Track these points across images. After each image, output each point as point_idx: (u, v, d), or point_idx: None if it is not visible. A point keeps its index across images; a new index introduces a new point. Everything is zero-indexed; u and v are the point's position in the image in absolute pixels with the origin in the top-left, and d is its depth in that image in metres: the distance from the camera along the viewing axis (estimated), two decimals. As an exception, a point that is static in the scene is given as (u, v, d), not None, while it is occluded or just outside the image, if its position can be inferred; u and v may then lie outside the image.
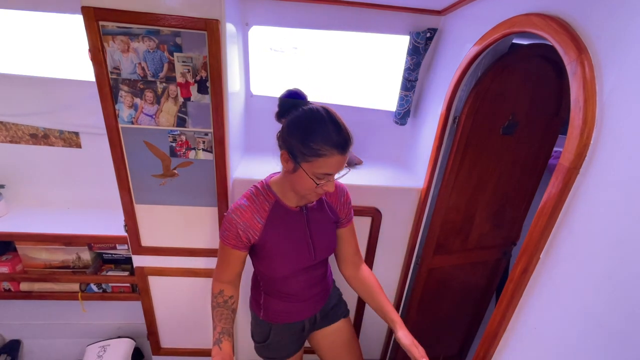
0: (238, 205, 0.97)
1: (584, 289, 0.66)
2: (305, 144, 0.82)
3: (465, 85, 1.25)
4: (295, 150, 0.84)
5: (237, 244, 0.98)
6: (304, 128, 0.83)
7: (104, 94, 1.12)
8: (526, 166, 1.49)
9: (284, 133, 0.88)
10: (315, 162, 0.83)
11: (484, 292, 1.86)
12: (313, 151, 0.82)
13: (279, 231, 0.99)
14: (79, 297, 1.63)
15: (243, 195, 1.01)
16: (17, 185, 1.66)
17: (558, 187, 0.71)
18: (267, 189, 1.01)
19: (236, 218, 0.96)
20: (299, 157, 0.85)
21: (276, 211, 0.99)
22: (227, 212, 0.98)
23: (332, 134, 0.82)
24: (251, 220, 0.96)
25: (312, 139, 0.82)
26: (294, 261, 1.04)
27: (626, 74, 0.60)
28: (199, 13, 1.04)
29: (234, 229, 0.96)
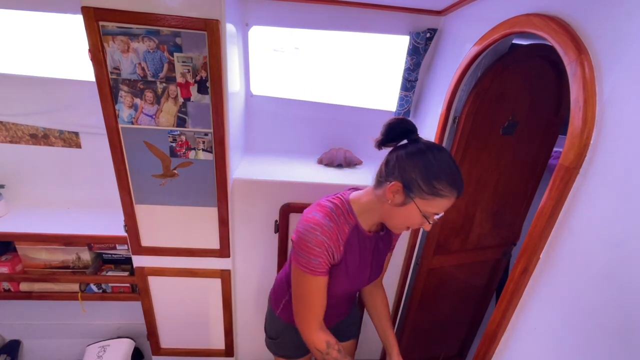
0: (321, 225, 0.85)
1: (584, 289, 0.66)
2: (428, 182, 0.78)
3: (465, 85, 1.25)
4: (414, 186, 0.79)
5: (326, 270, 0.88)
6: (431, 166, 0.79)
7: (104, 94, 1.12)
8: (526, 166, 1.49)
9: (402, 165, 0.82)
10: (433, 201, 0.79)
11: (484, 292, 1.86)
12: (434, 190, 0.78)
13: (352, 256, 0.93)
14: (79, 297, 1.63)
15: (320, 209, 0.90)
16: (17, 185, 1.66)
17: (558, 187, 0.71)
18: (348, 209, 0.91)
19: (326, 240, 0.85)
20: (415, 193, 0.80)
21: (354, 235, 0.92)
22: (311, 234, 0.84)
23: (457, 178, 0.80)
24: (336, 243, 0.87)
25: (437, 178, 0.78)
26: (351, 285, 0.99)
27: (626, 74, 0.60)
28: (199, 13, 1.04)
29: (326, 252, 0.85)
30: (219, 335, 1.70)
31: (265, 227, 1.48)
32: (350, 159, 1.62)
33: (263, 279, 1.60)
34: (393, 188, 0.82)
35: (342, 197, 0.94)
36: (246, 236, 1.49)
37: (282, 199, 1.43)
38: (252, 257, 1.54)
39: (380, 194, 0.86)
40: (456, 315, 1.88)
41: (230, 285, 1.56)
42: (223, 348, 1.75)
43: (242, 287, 1.62)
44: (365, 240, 0.95)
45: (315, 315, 0.91)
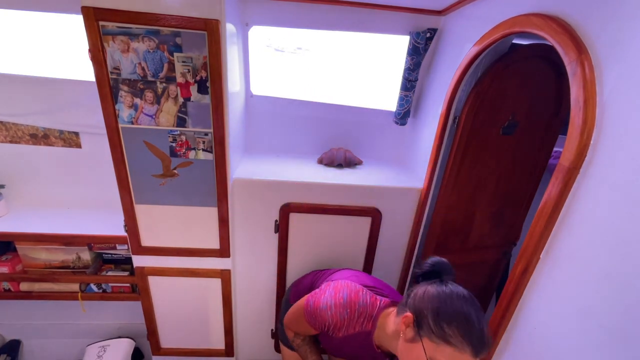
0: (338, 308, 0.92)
1: (584, 289, 0.66)
2: (437, 323, 0.73)
3: (465, 85, 1.25)
4: (424, 322, 0.76)
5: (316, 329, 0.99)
6: (446, 307, 0.75)
7: (104, 94, 1.12)
8: (526, 166, 1.49)
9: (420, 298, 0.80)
10: (440, 346, 0.73)
11: (484, 292, 1.86)
12: (443, 334, 0.72)
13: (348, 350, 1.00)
14: (79, 297, 1.63)
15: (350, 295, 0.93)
16: (17, 185, 1.66)
17: (558, 187, 0.71)
18: (373, 317, 0.91)
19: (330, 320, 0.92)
20: (424, 331, 0.75)
21: (361, 338, 0.94)
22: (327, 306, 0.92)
23: (474, 332, 0.72)
24: (339, 329, 0.93)
25: (448, 322, 0.73)
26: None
27: (626, 74, 0.60)
28: (199, 13, 1.04)
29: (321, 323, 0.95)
30: (219, 335, 1.70)
31: (265, 227, 1.48)
32: (350, 159, 1.62)
33: (263, 279, 1.60)
34: (406, 320, 0.79)
35: (379, 302, 0.93)
36: (246, 236, 1.49)
37: (282, 199, 1.43)
38: (252, 257, 1.54)
39: (398, 322, 0.84)
40: (456, 315, 1.88)
41: (230, 285, 1.56)
42: (223, 348, 1.75)
43: (242, 287, 1.62)
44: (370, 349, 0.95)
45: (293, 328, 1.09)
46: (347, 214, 1.47)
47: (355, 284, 0.97)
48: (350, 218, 1.49)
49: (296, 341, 1.10)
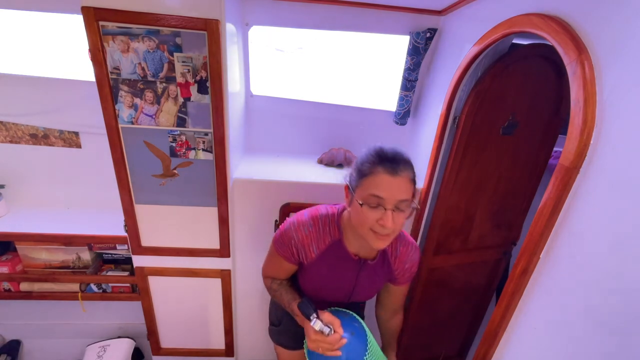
0: (302, 225, 0.92)
1: (584, 289, 0.66)
2: (357, 168, 0.82)
3: (465, 85, 1.25)
4: (352, 179, 0.84)
5: (287, 256, 0.96)
6: (361, 156, 0.83)
7: (104, 94, 1.12)
8: (526, 166, 1.49)
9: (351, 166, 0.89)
10: (364, 183, 0.79)
11: (484, 292, 1.86)
12: (361, 173, 0.80)
13: (327, 268, 0.95)
14: (79, 297, 1.63)
15: (311, 211, 0.95)
16: (17, 185, 1.66)
17: (558, 187, 0.71)
18: (336, 222, 0.94)
19: (295, 237, 0.92)
20: (353, 185, 0.83)
21: (334, 249, 0.93)
22: (289, 226, 0.93)
23: (380, 153, 0.79)
24: (308, 247, 0.93)
25: (361, 160, 0.81)
26: (327, 295, 1.02)
27: (626, 74, 0.60)
28: (199, 13, 1.04)
29: (290, 245, 0.93)
30: (219, 335, 1.70)
31: (265, 227, 1.48)
32: (350, 159, 1.62)
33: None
34: (345, 191, 0.87)
35: (338, 210, 0.96)
36: (246, 236, 1.49)
37: (282, 198, 1.43)
38: (252, 256, 1.54)
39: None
40: (456, 315, 1.88)
41: (231, 285, 1.56)
42: (223, 348, 1.75)
43: (242, 287, 1.62)
44: (347, 261, 0.95)
45: (270, 271, 1.05)
46: (347, 214, 1.47)
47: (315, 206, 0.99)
48: (350, 218, 1.49)
49: (273, 287, 1.04)
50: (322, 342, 0.83)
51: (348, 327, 0.91)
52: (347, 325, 0.91)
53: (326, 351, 0.84)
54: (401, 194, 0.77)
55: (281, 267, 1.01)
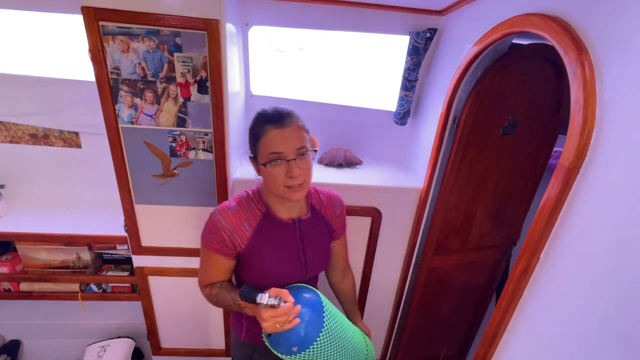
0: (226, 207, 0.91)
1: (584, 289, 0.66)
2: (250, 136, 0.88)
3: (465, 85, 1.25)
4: (251, 149, 0.88)
5: (221, 248, 0.91)
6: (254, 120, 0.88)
7: (104, 94, 1.12)
8: (526, 166, 1.49)
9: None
10: (260, 146, 0.85)
11: (484, 292, 1.86)
12: (254, 138, 0.86)
13: (268, 243, 0.94)
14: (79, 297, 1.63)
15: (233, 197, 0.96)
16: (17, 185, 1.66)
17: (558, 187, 0.71)
18: (258, 197, 0.95)
19: (222, 221, 0.89)
20: (254, 154, 0.88)
21: (266, 222, 0.94)
22: (213, 213, 0.91)
23: (263, 114, 0.86)
24: (238, 227, 0.90)
25: (251, 127, 0.87)
26: (281, 276, 0.97)
27: (626, 74, 0.60)
28: (199, 13, 1.04)
29: (219, 232, 0.89)
30: (219, 335, 1.70)
31: (265, 227, 1.48)
32: (350, 159, 1.62)
33: (263, 279, 1.60)
34: (252, 164, 0.92)
35: (255, 188, 0.98)
36: (246, 236, 1.49)
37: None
38: (252, 257, 1.54)
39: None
40: (456, 315, 1.88)
41: (230, 285, 1.56)
42: (223, 348, 1.75)
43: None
44: (283, 227, 0.95)
45: (205, 277, 0.99)
46: (347, 214, 1.47)
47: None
48: (350, 218, 1.49)
49: (213, 292, 0.96)
50: (276, 316, 0.77)
51: (298, 294, 0.87)
52: (297, 293, 0.87)
53: (284, 325, 0.79)
54: (295, 142, 0.83)
55: (217, 265, 0.95)
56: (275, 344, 0.85)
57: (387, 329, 1.85)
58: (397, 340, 1.84)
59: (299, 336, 0.82)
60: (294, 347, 0.83)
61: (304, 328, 0.82)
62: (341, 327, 0.94)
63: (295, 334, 0.81)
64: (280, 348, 0.84)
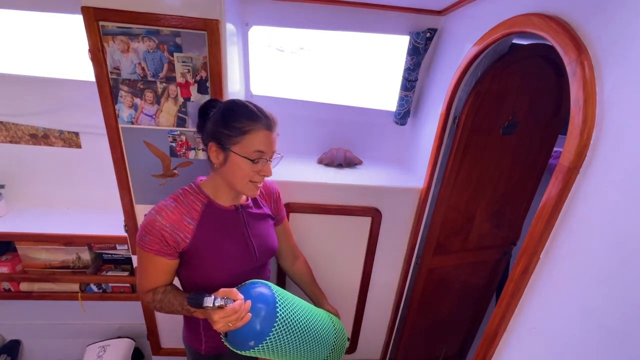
0: (163, 206, 0.88)
1: (584, 289, 0.66)
2: (230, 126, 0.84)
3: (465, 85, 1.25)
4: (223, 137, 0.85)
5: (161, 249, 0.87)
6: (227, 113, 0.86)
7: (104, 94, 1.12)
8: (526, 166, 1.49)
9: (208, 127, 0.89)
10: (244, 140, 0.84)
11: (484, 292, 1.86)
12: (239, 130, 0.84)
13: (214, 233, 0.92)
14: (79, 297, 1.63)
15: (170, 196, 0.93)
16: (17, 185, 1.66)
17: (558, 187, 0.71)
18: (197, 190, 0.94)
19: (160, 219, 0.86)
20: (227, 143, 0.85)
21: (209, 212, 0.93)
22: (149, 213, 0.87)
23: (254, 111, 0.86)
24: (180, 222, 0.88)
25: (235, 119, 0.84)
26: (233, 264, 0.95)
27: (626, 74, 0.60)
28: (199, 13, 1.04)
29: (157, 231, 0.85)
30: (219, 335, 1.70)
31: (265, 227, 1.48)
32: (350, 159, 1.62)
33: (263, 279, 1.60)
34: (211, 150, 0.87)
35: (191, 183, 0.98)
36: (246, 236, 1.49)
37: (282, 198, 1.43)
38: (252, 257, 1.54)
39: (210, 164, 0.92)
40: (456, 315, 1.88)
41: (230, 285, 1.55)
42: (223, 348, 1.75)
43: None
44: (227, 215, 0.96)
45: (146, 284, 0.93)
46: (347, 214, 1.47)
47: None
48: (350, 218, 1.49)
49: (156, 298, 0.92)
50: (226, 316, 0.77)
51: (248, 290, 0.88)
52: (247, 290, 0.88)
53: (237, 322, 0.79)
54: (275, 146, 0.90)
55: (158, 268, 0.90)
56: (233, 343, 0.86)
57: (387, 329, 1.85)
58: (397, 340, 1.84)
59: (255, 330, 0.83)
60: (250, 342, 0.84)
61: (259, 322, 0.84)
62: (300, 313, 0.95)
63: (250, 329, 0.83)
64: (239, 346, 0.85)
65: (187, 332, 1.11)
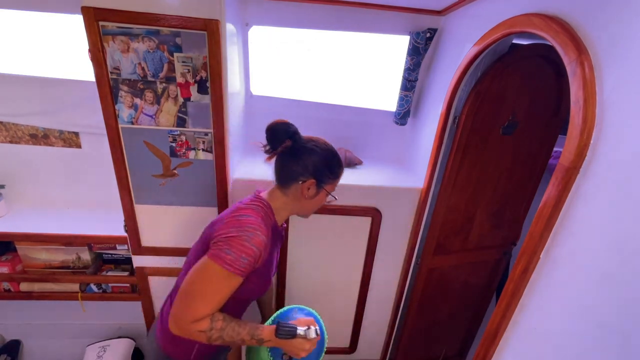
0: (261, 227, 0.87)
1: (584, 289, 0.66)
2: (333, 172, 0.99)
3: (465, 85, 1.25)
4: (324, 178, 0.97)
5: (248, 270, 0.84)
6: (331, 160, 0.98)
7: (104, 94, 1.12)
8: (526, 166, 1.49)
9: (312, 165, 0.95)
10: (334, 182, 1.02)
11: (484, 292, 1.86)
12: (336, 175, 1.01)
13: (272, 251, 0.97)
14: (79, 297, 1.63)
15: (252, 212, 0.91)
16: (17, 185, 1.65)
17: (558, 187, 0.71)
18: (269, 210, 0.97)
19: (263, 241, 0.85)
20: (324, 183, 0.98)
21: (273, 232, 0.97)
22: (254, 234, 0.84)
23: (342, 160, 1.07)
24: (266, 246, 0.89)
25: (338, 166, 1.00)
26: (269, 279, 1.01)
27: (626, 74, 0.60)
28: (199, 13, 1.04)
29: (259, 253, 0.84)
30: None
31: (265, 227, 1.48)
32: (350, 159, 1.62)
33: (263, 279, 1.60)
34: (308, 185, 0.95)
35: (265, 199, 0.99)
36: (246, 236, 1.49)
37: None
38: (252, 257, 1.54)
39: (293, 193, 0.97)
40: (456, 315, 1.88)
41: (230, 285, 1.55)
42: (223, 348, 1.75)
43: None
44: (278, 236, 1.04)
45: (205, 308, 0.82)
46: (347, 214, 1.47)
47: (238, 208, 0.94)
48: (350, 218, 1.49)
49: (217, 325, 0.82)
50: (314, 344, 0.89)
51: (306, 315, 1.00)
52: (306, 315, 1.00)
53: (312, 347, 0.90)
54: None
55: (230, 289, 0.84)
56: None
57: (387, 329, 1.85)
58: (397, 340, 1.84)
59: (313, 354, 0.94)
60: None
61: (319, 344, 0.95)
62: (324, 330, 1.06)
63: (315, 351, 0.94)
64: None
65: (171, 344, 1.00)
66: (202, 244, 0.93)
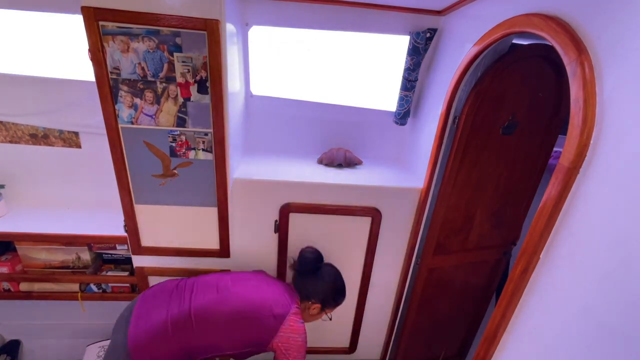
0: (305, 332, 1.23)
1: (584, 289, 0.66)
2: (337, 302, 1.38)
3: (465, 85, 1.25)
4: (328, 304, 1.34)
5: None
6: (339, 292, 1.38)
7: (104, 94, 1.12)
8: (526, 166, 1.49)
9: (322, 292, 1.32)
10: (334, 306, 1.38)
11: (484, 292, 1.86)
12: (338, 304, 1.39)
13: None
14: (79, 297, 1.63)
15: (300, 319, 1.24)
16: (17, 185, 1.66)
17: (558, 187, 0.71)
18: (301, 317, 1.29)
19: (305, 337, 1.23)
20: (327, 307, 1.35)
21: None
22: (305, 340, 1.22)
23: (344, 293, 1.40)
24: None
25: (342, 297, 1.40)
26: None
27: (626, 74, 0.60)
28: (199, 13, 1.04)
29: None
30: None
31: (265, 227, 1.48)
32: (350, 159, 1.62)
33: (263, 279, 1.60)
34: (314, 307, 1.32)
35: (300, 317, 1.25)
36: (246, 236, 1.49)
37: (282, 199, 1.43)
38: (252, 257, 1.54)
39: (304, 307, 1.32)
40: (456, 315, 1.88)
41: (230, 285, 1.55)
42: (223, 348, 1.75)
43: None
44: None
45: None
46: (347, 214, 1.47)
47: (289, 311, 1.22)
48: (350, 218, 1.49)
49: None
50: None
51: None
52: None
53: None
54: None
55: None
56: None
57: (387, 329, 1.85)
58: (397, 340, 1.84)
59: None
60: None
61: None
62: None
63: None
64: None
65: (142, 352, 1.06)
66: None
